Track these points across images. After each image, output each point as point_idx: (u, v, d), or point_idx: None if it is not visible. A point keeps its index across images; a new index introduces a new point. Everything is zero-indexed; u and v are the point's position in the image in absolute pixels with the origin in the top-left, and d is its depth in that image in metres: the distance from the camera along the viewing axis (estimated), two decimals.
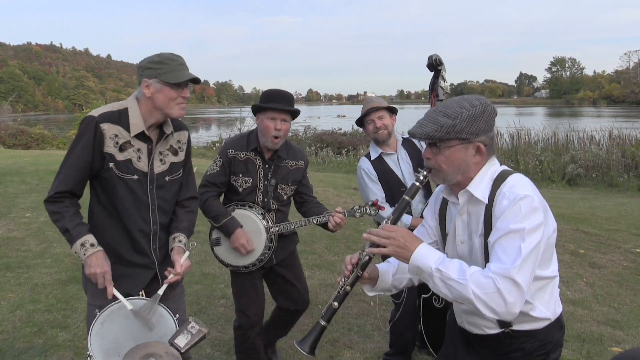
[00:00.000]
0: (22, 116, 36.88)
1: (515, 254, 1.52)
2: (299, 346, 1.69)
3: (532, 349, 1.70)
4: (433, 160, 1.69)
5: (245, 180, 2.86)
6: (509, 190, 1.60)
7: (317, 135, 19.82)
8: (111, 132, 2.05)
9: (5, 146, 18.66)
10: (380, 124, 3.14)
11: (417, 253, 1.60)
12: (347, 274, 1.72)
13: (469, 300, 1.52)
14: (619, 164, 12.74)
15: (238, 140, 2.92)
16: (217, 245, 2.94)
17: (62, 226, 2.04)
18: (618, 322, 4.08)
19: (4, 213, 7.36)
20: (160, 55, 2.09)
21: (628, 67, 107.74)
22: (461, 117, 1.61)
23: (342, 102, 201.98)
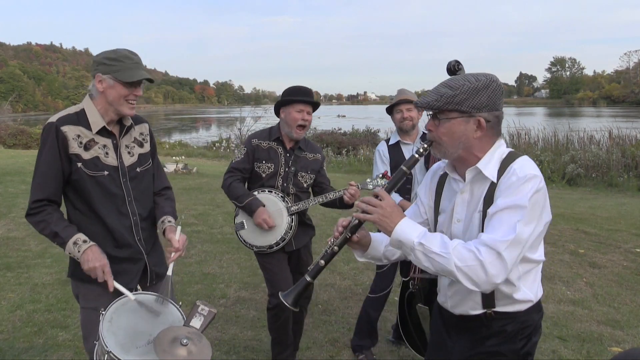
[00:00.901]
0: (22, 116, 36.85)
1: (509, 228, 1.52)
2: (282, 298, 1.75)
3: (514, 332, 1.72)
4: (434, 132, 1.68)
5: (268, 166, 3.10)
6: (520, 168, 1.59)
7: (317, 135, 19.80)
8: (73, 134, 2.08)
9: (5, 146, 18.66)
10: (407, 115, 3.42)
11: (399, 227, 1.61)
12: (336, 235, 1.75)
13: (451, 273, 1.54)
14: (619, 164, 12.74)
15: (261, 132, 3.22)
16: (242, 229, 3.13)
17: (50, 232, 2.05)
18: (618, 322, 4.08)
19: (4, 213, 7.36)
20: (116, 51, 2.12)
21: (628, 67, 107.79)
22: (462, 88, 1.60)
23: (342, 102, 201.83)
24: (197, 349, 1.76)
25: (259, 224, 3.00)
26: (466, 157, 1.69)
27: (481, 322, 1.74)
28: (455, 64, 3.31)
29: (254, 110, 23.02)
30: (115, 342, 1.82)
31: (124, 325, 1.91)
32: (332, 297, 4.59)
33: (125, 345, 1.83)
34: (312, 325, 4.01)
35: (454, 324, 1.85)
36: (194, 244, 6.09)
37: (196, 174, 12.33)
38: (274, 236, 3.05)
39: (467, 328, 1.80)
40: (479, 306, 1.73)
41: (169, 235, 2.22)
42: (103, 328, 1.84)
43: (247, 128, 21.45)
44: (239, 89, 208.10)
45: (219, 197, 8.56)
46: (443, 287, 1.87)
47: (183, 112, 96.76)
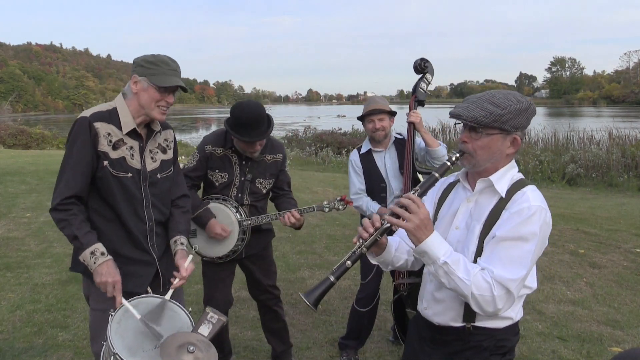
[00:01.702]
0: (22, 116, 36.87)
1: (520, 266, 1.61)
2: (304, 297, 1.69)
3: (490, 348, 1.77)
4: (470, 144, 1.72)
5: (222, 175, 2.95)
6: (532, 196, 1.67)
7: (317, 135, 19.80)
8: (104, 131, 2.07)
9: (5, 146, 18.66)
10: (379, 125, 3.30)
11: (430, 240, 1.63)
12: (365, 236, 1.71)
13: (465, 296, 1.62)
14: (619, 164, 12.73)
15: (216, 136, 2.98)
16: (193, 236, 3.00)
17: (70, 233, 2.03)
18: (618, 322, 4.08)
19: (4, 213, 7.36)
20: (157, 56, 2.11)
21: (628, 67, 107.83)
22: (509, 108, 1.65)
23: (342, 102, 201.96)
24: (203, 356, 1.75)
25: (214, 237, 2.89)
26: (487, 170, 1.75)
27: (458, 335, 1.79)
28: (420, 62, 3.37)
29: None
30: (123, 345, 1.81)
31: (132, 327, 1.90)
32: (332, 297, 4.59)
33: (132, 348, 1.83)
34: (312, 325, 4.01)
35: (430, 337, 1.88)
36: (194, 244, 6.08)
37: None
38: (224, 248, 2.96)
39: (443, 341, 1.83)
40: (459, 319, 1.78)
41: (178, 262, 2.22)
42: (111, 329, 1.84)
43: None
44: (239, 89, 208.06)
45: None
46: (427, 293, 1.88)
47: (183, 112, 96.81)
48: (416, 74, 3.37)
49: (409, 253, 1.92)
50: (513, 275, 1.60)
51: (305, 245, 6.09)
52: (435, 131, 18.36)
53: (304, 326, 3.99)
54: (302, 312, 4.21)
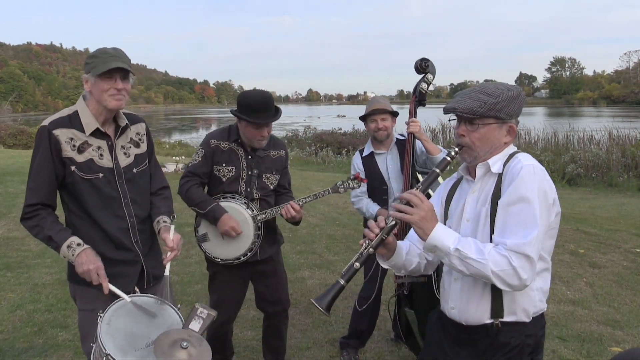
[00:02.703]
0: (22, 116, 36.88)
1: (527, 226, 1.59)
2: (316, 302, 1.67)
3: (519, 346, 1.74)
4: (467, 137, 1.74)
5: (229, 169, 2.85)
6: (524, 157, 1.70)
7: (317, 135, 19.81)
8: (65, 137, 2.06)
9: (5, 146, 18.66)
10: (382, 125, 3.31)
11: (435, 231, 1.64)
12: (372, 237, 1.72)
13: (487, 277, 1.60)
14: (619, 164, 12.73)
15: (220, 131, 2.95)
16: (205, 240, 2.90)
17: (44, 236, 2.04)
18: (618, 322, 4.08)
19: (4, 213, 7.36)
20: (97, 50, 2.11)
21: (628, 67, 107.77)
22: (502, 96, 1.68)
23: (342, 102, 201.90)
24: (197, 351, 1.75)
25: (225, 232, 2.76)
26: (487, 159, 1.76)
27: (486, 333, 1.76)
28: (421, 62, 3.35)
29: None
30: (114, 345, 1.81)
31: (122, 327, 1.90)
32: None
33: (123, 347, 1.82)
34: (312, 325, 4.01)
35: (456, 336, 1.85)
36: (194, 244, 6.06)
37: None
38: (241, 247, 2.83)
39: (470, 340, 1.80)
40: (487, 315, 1.75)
41: (163, 235, 2.21)
42: (101, 330, 1.83)
43: None
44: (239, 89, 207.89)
45: None
46: (453, 293, 1.84)
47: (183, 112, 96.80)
48: (417, 74, 3.37)
49: (420, 256, 1.91)
50: (524, 238, 1.58)
51: (305, 245, 6.09)
52: (435, 131, 18.37)
53: (304, 326, 3.99)
54: (302, 312, 4.21)
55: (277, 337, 3.19)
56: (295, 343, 3.66)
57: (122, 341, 1.85)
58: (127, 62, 2.10)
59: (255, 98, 2.75)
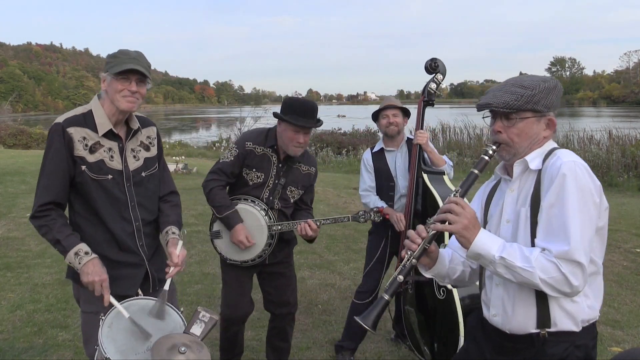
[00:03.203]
0: (22, 116, 36.87)
1: (573, 229, 1.49)
2: (361, 321, 1.59)
3: (567, 357, 1.63)
4: (504, 134, 1.65)
5: (258, 175, 2.84)
6: (563, 154, 1.59)
7: (317, 135, 19.75)
8: (79, 136, 2.05)
9: (5, 146, 18.66)
10: (393, 120, 3.41)
11: (478, 239, 1.56)
12: (414, 248, 1.63)
13: (536, 285, 1.52)
14: (619, 164, 12.74)
15: (257, 134, 2.90)
16: (218, 237, 2.92)
17: (52, 238, 2.02)
18: (618, 322, 4.08)
19: (4, 213, 7.36)
20: (119, 50, 2.10)
21: (628, 67, 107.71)
22: (539, 88, 1.60)
23: (342, 102, 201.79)
24: (195, 357, 1.73)
25: (236, 243, 2.79)
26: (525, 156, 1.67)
27: (532, 343, 1.65)
28: (431, 62, 3.33)
29: (254, 110, 23.03)
30: (115, 349, 1.80)
31: (123, 331, 1.89)
32: (332, 297, 4.59)
33: (124, 351, 1.82)
34: (312, 325, 4.01)
35: (499, 344, 1.75)
36: (194, 244, 6.09)
37: (196, 174, 12.34)
38: (251, 254, 2.85)
39: (515, 349, 1.70)
40: (533, 324, 1.65)
41: (170, 250, 2.19)
42: (102, 334, 1.82)
43: (247, 128, 21.44)
44: (239, 89, 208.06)
45: None
46: (496, 299, 1.74)
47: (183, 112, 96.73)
48: (427, 74, 3.36)
49: (464, 264, 1.84)
50: (569, 244, 1.48)
51: (305, 245, 6.08)
52: (435, 131, 18.36)
53: (304, 326, 3.99)
54: (302, 312, 4.21)
55: (282, 338, 3.17)
56: (295, 343, 3.66)
57: (123, 345, 1.84)
58: (146, 67, 2.09)
59: (301, 102, 2.82)
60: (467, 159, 14.56)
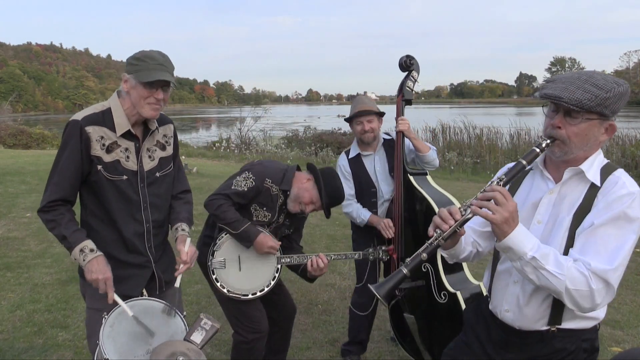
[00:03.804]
0: (22, 116, 36.80)
1: (617, 250, 1.49)
2: (375, 289, 1.55)
3: (575, 351, 1.65)
4: (564, 130, 1.57)
5: (265, 214, 2.72)
6: (628, 180, 1.57)
7: (317, 135, 19.77)
8: (97, 135, 2.01)
9: (5, 146, 18.65)
10: (368, 127, 3.20)
11: (515, 233, 1.51)
12: (445, 228, 1.57)
13: (558, 293, 1.50)
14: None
15: (277, 173, 2.72)
16: (221, 268, 2.73)
17: (58, 233, 2.01)
18: (618, 322, 4.08)
19: (4, 213, 7.36)
20: (145, 52, 2.05)
21: (628, 67, 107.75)
22: (614, 91, 1.51)
23: (342, 102, 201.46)
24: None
25: (265, 253, 2.65)
26: (576, 159, 1.62)
27: (541, 338, 1.67)
28: (406, 59, 3.22)
29: (254, 110, 23.01)
30: (114, 349, 1.80)
31: (125, 331, 1.89)
32: (332, 297, 4.59)
33: (123, 353, 1.81)
34: (312, 325, 4.01)
35: (506, 339, 1.75)
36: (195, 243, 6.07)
37: (196, 174, 12.32)
38: (256, 284, 2.72)
39: (522, 344, 1.71)
40: (545, 321, 1.66)
41: (178, 247, 2.18)
42: (103, 333, 1.82)
43: (247, 128, 21.42)
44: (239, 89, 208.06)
45: None
46: (510, 296, 1.72)
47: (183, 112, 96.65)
48: (402, 71, 3.25)
49: (473, 244, 1.83)
50: (611, 264, 1.47)
51: (305, 245, 6.07)
52: (435, 131, 18.36)
53: (304, 326, 3.99)
54: (302, 312, 4.21)
55: (284, 339, 3.15)
56: (295, 343, 3.66)
57: (122, 346, 1.83)
58: (172, 72, 2.07)
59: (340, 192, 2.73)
60: (467, 159, 14.55)
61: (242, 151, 19.65)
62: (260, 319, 2.82)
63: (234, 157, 18.65)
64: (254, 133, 21.81)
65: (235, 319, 2.83)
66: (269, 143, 21.13)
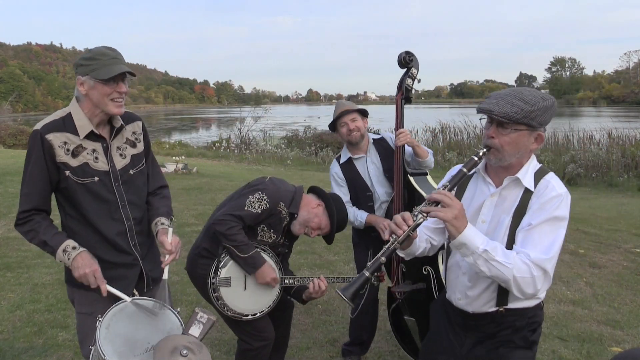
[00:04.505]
0: (22, 116, 36.83)
1: (551, 243, 1.73)
2: (341, 292, 1.71)
3: (522, 326, 1.89)
4: (497, 140, 1.78)
5: (270, 235, 2.70)
6: (557, 183, 1.80)
7: (317, 135, 19.78)
8: (59, 141, 2.00)
9: (5, 146, 18.66)
10: (353, 127, 3.16)
11: (467, 231, 1.70)
12: (399, 233, 1.74)
13: (507, 281, 1.71)
14: (618, 164, 12.75)
15: (288, 195, 2.70)
16: (226, 286, 2.64)
17: (39, 241, 2.00)
18: (618, 322, 4.08)
19: (4, 213, 7.37)
20: (92, 50, 2.03)
21: (628, 67, 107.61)
22: (538, 105, 1.73)
23: None
24: (196, 358, 1.74)
25: (266, 283, 2.63)
26: (512, 166, 1.83)
27: (492, 319, 1.90)
28: (405, 55, 3.14)
29: (254, 110, 23.01)
30: (113, 350, 1.79)
31: (121, 332, 1.89)
32: (332, 297, 4.59)
33: (122, 353, 1.81)
34: (312, 325, 4.01)
35: (462, 322, 1.98)
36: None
37: (196, 174, 12.33)
38: (259, 305, 2.68)
39: (476, 326, 1.94)
40: (493, 304, 1.88)
41: (160, 238, 2.15)
42: (100, 335, 1.81)
43: (247, 128, 21.42)
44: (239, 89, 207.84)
45: (219, 197, 8.55)
46: (461, 285, 1.96)
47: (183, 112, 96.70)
48: (400, 68, 3.19)
49: (427, 241, 2.03)
50: (547, 254, 1.71)
51: (305, 245, 6.08)
52: (435, 131, 18.37)
53: (304, 326, 3.99)
54: (302, 312, 4.21)
55: (284, 336, 3.15)
56: (295, 343, 3.66)
57: (121, 346, 1.83)
58: (125, 63, 2.06)
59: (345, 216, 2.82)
60: (467, 159, 14.56)
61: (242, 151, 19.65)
62: (266, 327, 2.80)
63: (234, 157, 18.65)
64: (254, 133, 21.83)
65: (240, 330, 2.79)
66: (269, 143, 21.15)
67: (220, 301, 2.65)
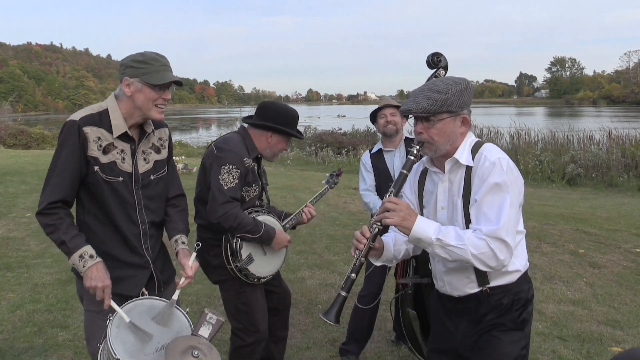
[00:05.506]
0: (22, 116, 36.85)
1: (498, 212, 1.75)
2: (324, 317, 1.79)
3: (510, 304, 1.91)
4: (425, 134, 1.87)
5: (254, 189, 2.77)
6: (489, 152, 1.84)
7: (317, 135, 19.77)
8: (94, 135, 2.01)
9: (5, 146, 18.67)
10: (390, 119, 3.42)
11: (417, 225, 1.79)
12: (360, 247, 1.87)
13: (468, 261, 1.76)
14: (618, 164, 12.74)
15: (241, 147, 2.71)
16: (251, 262, 2.71)
17: (57, 238, 1.99)
18: (618, 322, 4.08)
19: (4, 213, 7.36)
20: (144, 54, 2.04)
21: (628, 67, 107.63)
22: (451, 91, 1.81)
23: (342, 102, 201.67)
24: (207, 359, 1.75)
25: (285, 245, 2.80)
26: (449, 151, 1.90)
27: (478, 300, 1.93)
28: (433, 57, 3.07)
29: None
30: (124, 349, 1.79)
31: (132, 331, 1.89)
32: (332, 297, 4.58)
33: (133, 352, 1.81)
34: (312, 325, 4.01)
35: (453, 308, 2.02)
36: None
37: (196, 174, 12.34)
38: (280, 258, 2.87)
39: (466, 309, 1.97)
40: (475, 285, 1.92)
41: (182, 261, 2.16)
42: (111, 335, 1.81)
43: None
44: (239, 89, 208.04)
45: None
46: (439, 273, 2.03)
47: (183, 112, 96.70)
48: (429, 69, 3.18)
49: (407, 243, 2.05)
50: (498, 224, 1.73)
51: (305, 245, 6.09)
52: None
53: (304, 326, 3.99)
54: (302, 312, 4.21)
55: (284, 326, 3.18)
56: (295, 343, 3.67)
57: (131, 345, 1.83)
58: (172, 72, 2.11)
59: (293, 112, 2.86)
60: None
61: None
62: (262, 321, 2.83)
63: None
64: None
65: (237, 321, 2.83)
66: None
67: (255, 275, 2.75)
